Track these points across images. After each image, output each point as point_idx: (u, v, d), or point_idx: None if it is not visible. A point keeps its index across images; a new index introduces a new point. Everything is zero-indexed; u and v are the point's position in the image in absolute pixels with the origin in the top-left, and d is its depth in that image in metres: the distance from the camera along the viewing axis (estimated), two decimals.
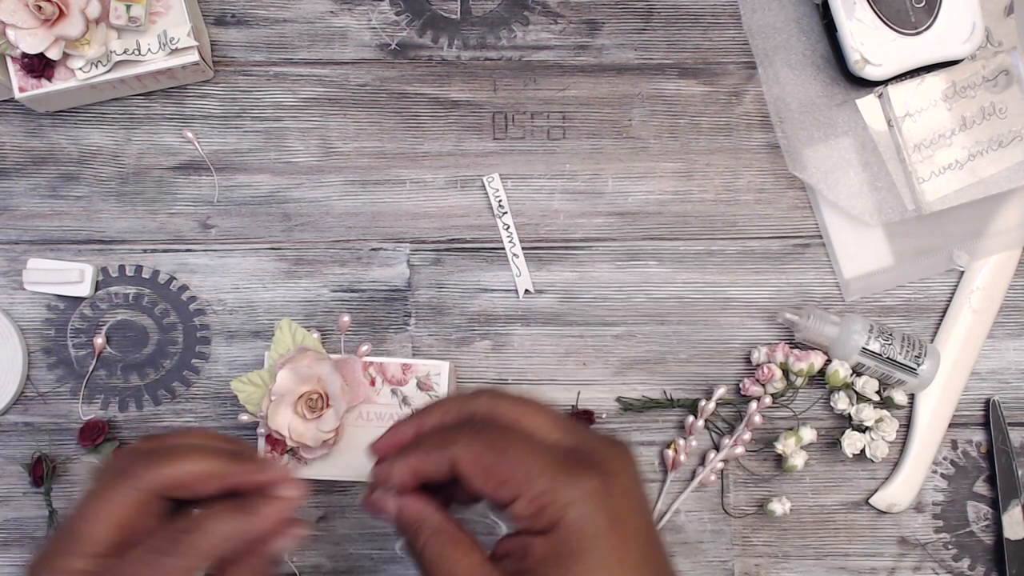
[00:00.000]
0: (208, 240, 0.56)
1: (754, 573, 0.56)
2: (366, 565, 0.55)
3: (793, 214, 0.57)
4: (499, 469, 0.36)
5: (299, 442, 0.50)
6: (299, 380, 0.50)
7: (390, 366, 0.52)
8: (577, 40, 0.57)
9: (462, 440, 0.37)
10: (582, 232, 0.56)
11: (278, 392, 0.50)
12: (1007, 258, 0.57)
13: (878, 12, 0.54)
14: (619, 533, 0.35)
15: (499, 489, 0.36)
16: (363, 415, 0.51)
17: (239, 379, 0.51)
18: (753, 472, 0.56)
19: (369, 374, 0.51)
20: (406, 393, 0.52)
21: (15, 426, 0.55)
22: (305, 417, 0.50)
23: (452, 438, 0.38)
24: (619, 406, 0.56)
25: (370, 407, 0.51)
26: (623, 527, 0.36)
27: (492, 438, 0.37)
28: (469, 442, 0.37)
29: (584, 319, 0.56)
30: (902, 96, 0.55)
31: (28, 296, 0.55)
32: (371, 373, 0.51)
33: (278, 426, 0.50)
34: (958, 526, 0.56)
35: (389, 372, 0.52)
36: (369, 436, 0.48)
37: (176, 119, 0.56)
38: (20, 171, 0.55)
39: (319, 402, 0.50)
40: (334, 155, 0.56)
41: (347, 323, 0.52)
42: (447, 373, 0.52)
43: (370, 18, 0.57)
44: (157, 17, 0.52)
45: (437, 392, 0.51)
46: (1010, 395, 0.57)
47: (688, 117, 0.57)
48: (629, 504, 0.36)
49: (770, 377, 0.54)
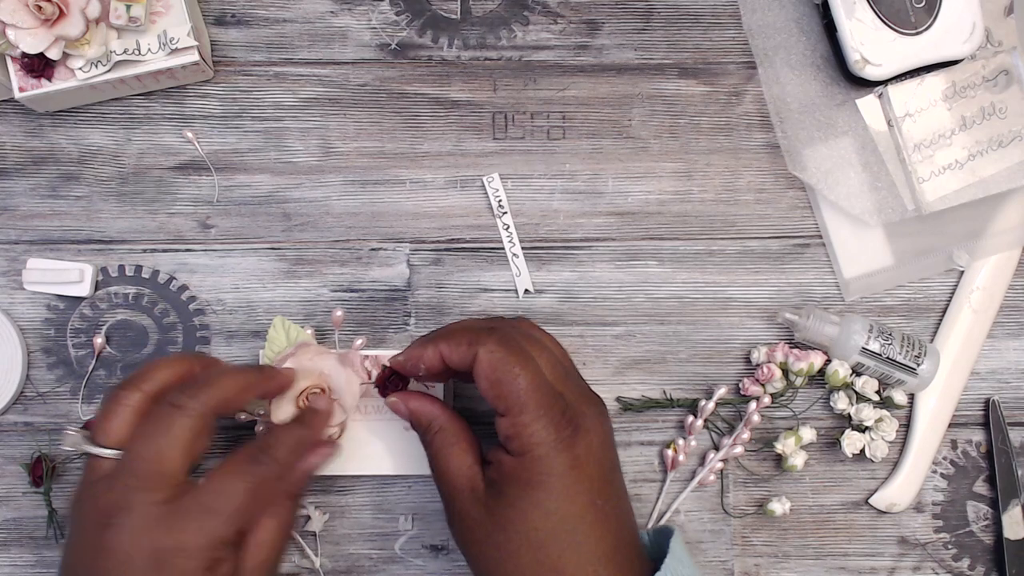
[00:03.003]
0: (208, 240, 0.56)
1: (754, 573, 0.56)
2: (366, 565, 0.55)
3: (793, 214, 0.57)
4: (504, 384, 0.42)
5: None
6: (301, 375, 0.50)
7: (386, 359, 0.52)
8: (577, 40, 0.57)
9: (490, 344, 0.43)
10: (582, 232, 0.56)
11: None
12: (1007, 258, 0.57)
13: (878, 12, 0.54)
14: (574, 476, 0.42)
15: (496, 400, 0.43)
16: (363, 408, 0.52)
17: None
18: (753, 472, 0.56)
19: (366, 367, 0.51)
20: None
21: (15, 426, 0.55)
22: None
23: (482, 339, 0.43)
24: (619, 406, 0.56)
25: (370, 400, 0.52)
26: (578, 472, 0.43)
27: (512, 355, 0.43)
28: (494, 348, 0.43)
29: (584, 319, 0.56)
30: (902, 96, 0.55)
31: (28, 296, 0.55)
32: (368, 366, 0.51)
33: (281, 422, 0.49)
34: (958, 526, 0.56)
35: None
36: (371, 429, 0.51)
37: (176, 119, 0.56)
38: (20, 171, 0.55)
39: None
40: (334, 155, 0.56)
41: (341, 317, 0.52)
42: None
43: (370, 18, 0.57)
44: (157, 17, 0.52)
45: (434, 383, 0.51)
46: (1010, 395, 0.57)
47: (688, 117, 0.57)
48: (590, 456, 0.43)
49: (770, 377, 0.54)
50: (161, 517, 0.41)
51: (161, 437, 0.42)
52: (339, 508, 0.55)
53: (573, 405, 0.44)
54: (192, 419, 0.43)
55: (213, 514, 0.42)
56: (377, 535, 0.55)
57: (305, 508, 0.55)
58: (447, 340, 0.45)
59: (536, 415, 0.42)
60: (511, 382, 0.42)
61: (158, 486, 0.42)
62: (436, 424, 0.46)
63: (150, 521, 0.41)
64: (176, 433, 0.42)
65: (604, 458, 0.44)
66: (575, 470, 0.42)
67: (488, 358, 0.43)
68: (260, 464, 0.44)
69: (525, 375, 0.43)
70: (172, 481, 0.42)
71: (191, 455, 0.43)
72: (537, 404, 0.42)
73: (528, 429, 0.42)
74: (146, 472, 0.42)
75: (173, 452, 0.42)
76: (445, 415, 0.47)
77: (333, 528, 0.55)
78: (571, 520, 0.42)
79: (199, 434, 0.43)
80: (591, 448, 0.43)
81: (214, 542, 0.41)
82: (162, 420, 0.43)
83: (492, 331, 0.44)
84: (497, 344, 0.43)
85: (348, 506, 0.55)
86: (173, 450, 0.42)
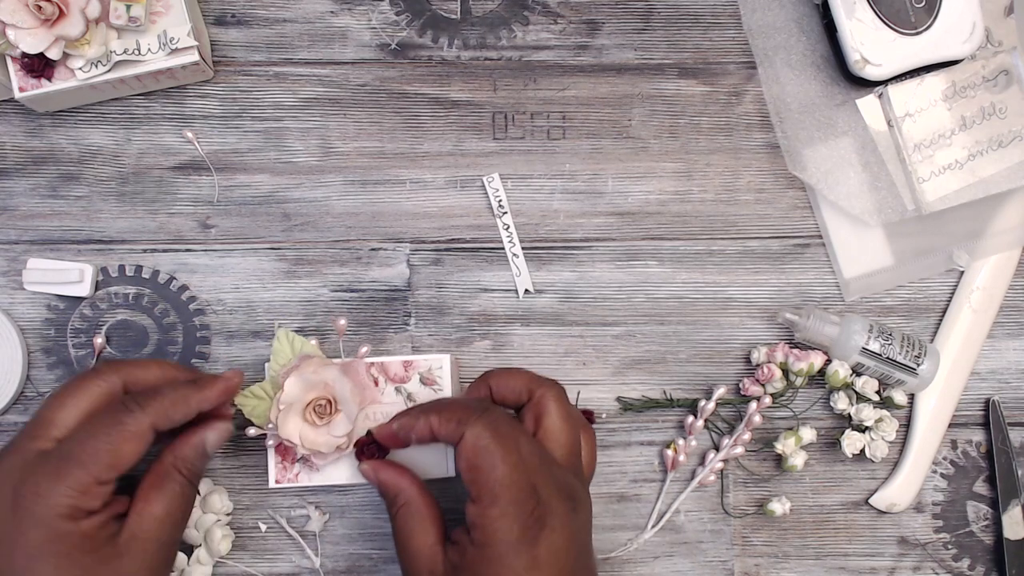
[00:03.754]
0: (208, 240, 0.56)
1: (754, 573, 0.56)
2: (366, 565, 0.55)
3: (793, 214, 0.57)
4: (481, 471, 0.43)
5: (312, 449, 0.49)
6: (306, 387, 0.50)
7: (392, 365, 0.52)
8: (577, 40, 0.57)
9: (478, 427, 0.43)
10: (582, 232, 0.56)
11: (286, 401, 0.49)
12: (1007, 258, 0.57)
13: (878, 12, 0.54)
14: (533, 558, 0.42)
15: (470, 485, 0.43)
16: (370, 416, 0.51)
17: (242, 394, 0.50)
18: (753, 472, 0.56)
19: (372, 374, 0.51)
20: (410, 390, 0.52)
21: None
22: (315, 424, 0.50)
23: (471, 420, 0.44)
24: (619, 406, 0.56)
25: (376, 407, 0.51)
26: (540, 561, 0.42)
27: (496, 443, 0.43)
28: (480, 433, 0.43)
29: (584, 319, 0.56)
30: (902, 96, 0.55)
31: (28, 296, 0.55)
32: (373, 373, 0.51)
33: (288, 435, 0.49)
34: (958, 526, 0.56)
35: (391, 371, 0.52)
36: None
37: (176, 119, 0.56)
38: (20, 171, 0.55)
39: (327, 408, 0.50)
40: (334, 155, 0.56)
41: (344, 326, 0.52)
42: (448, 366, 0.52)
43: (370, 18, 0.57)
44: (157, 17, 0.52)
45: (440, 386, 0.51)
46: (1010, 395, 0.57)
47: (688, 117, 0.57)
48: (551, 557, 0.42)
49: (770, 377, 0.54)
50: (28, 462, 0.42)
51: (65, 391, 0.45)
52: (339, 508, 0.55)
53: (545, 501, 0.43)
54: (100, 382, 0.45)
55: (72, 461, 0.42)
56: (377, 535, 0.55)
57: (304, 508, 0.55)
58: (439, 415, 0.45)
59: (504, 511, 0.42)
60: (488, 471, 0.43)
61: (41, 434, 0.43)
62: (402, 498, 0.47)
63: (17, 463, 0.43)
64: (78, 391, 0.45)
65: (568, 559, 0.43)
66: (533, 571, 0.42)
67: (473, 442, 0.43)
68: (127, 412, 0.44)
69: (504, 467, 0.43)
70: (56, 433, 0.44)
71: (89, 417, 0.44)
72: (508, 500, 0.42)
73: (494, 524, 0.42)
74: (39, 418, 0.44)
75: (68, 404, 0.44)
76: (413, 489, 0.47)
77: (333, 528, 0.55)
78: None
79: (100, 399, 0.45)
80: (553, 548, 0.43)
81: (75, 488, 0.42)
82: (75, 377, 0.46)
83: (484, 413, 0.44)
84: (484, 428, 0.43)
85: (348, 506, 0.55)
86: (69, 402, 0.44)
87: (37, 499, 0.41)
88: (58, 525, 0.41)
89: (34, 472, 0.42)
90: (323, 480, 0.51)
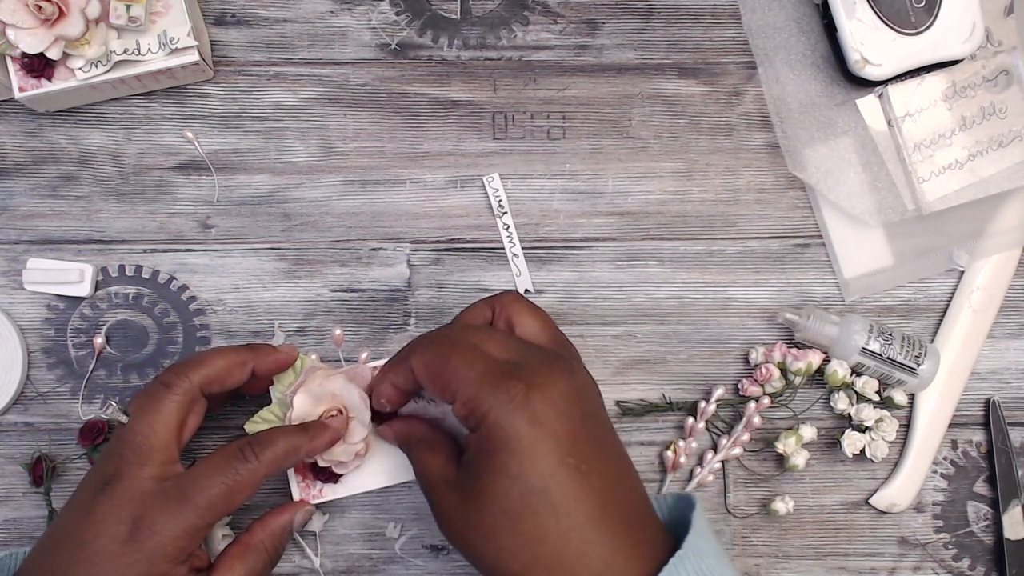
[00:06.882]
0: (208, 240, 0.56)
1: (754, 573, 0.56)
2: (366, 565, 0.55)
3: (793, 214, 0.57)
4: (441, 375, 0.43)
5: (331, 460, 0.49)
6: (315, 401, 0.49)
7: None
8: (577, 40, 0.57)
9: (417, 351, 0.44)
10: (582, 232, 0.56)
11: (298, 418, 0.49)
12: (1007, 258, 0.57)
13: (878, 12, 0.54)
14: (536, 434, 0.40)
15: (443, 392, 0.43)
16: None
17: (252, 420, 0.50)
18: (754, 472, 0.56)
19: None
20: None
21: (15, 426, 0.55)
22: None
23: (408, 350, 0.45)
24: (618, 410, 0.56)
25: None
26: (540, 430, 0.40)
27: (439, 349, 0.43)
28: (422, 352, 0.44)
29: (584, 319, 0.56)
30: (902, 96, 0.55)
31: (28, 296, 0.55)
32: None
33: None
34: (958, 526, 0.56)
35: None
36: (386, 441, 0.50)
37: (176, 119, 0.56)
38: (20, 171, 0.55)
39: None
40: (334, 155, 0.56)
41: (341, 336, 0.52)
42: None
43: (370, 18, 0.57)
44: (157, 17, 0.52)
45: None
46: (1010, 395, 0.57)
47: (688, 117, 0.57)
48: (552, 411, 0.41)
49: (768, 377, 0.54)
50: (146, 493, 0.43)
51: (153, 414, 0.45)
52: (339, 508, 0.55)
53: (526, 366, 0.42)
54: (180, 396, 0.45)
55: (188, 503, 0.43)
56: (377, 535, 0.55)
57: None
58: (392, 369, 0.46)
59: (479, 387, 0.41)
60: (445, 370, 0.42)
61: (149, 460, 0.44)
62: (414, 437, 0.48)
63: (136, 493, 0.43)
64: (165, 410, 0.45)
65: (572, 412, 0.42)
66: (536, 428, 0.40)
67: (420, 363, 0.44)
68: (243, 461, 0.45)
69: (457, 358, 0.42)
70: (161, 457, 0.44)
71: (181, 431, 0.46)
72: (478, 377, 0.41)
73: (475, 401, 0.41)
74: (139, 445, 0.44)
75: (162, 428, 0.45)
76: (422, 428, 0.48)
77: (333, 528, 0.55)
78: (541, 481, 0.40)
79: (187, 411, 0.46)
80: (551, 402, 0.41)
81: (186, 531, 0.43)
82: (153, 397, 0.46)
83: (422, 337, 0.45)
84: (425, 347, 0.44)
85: (348, 506, 0.55)
86: (162, 426, 0.45)
87: (152, 535, 0.42)
88: (160, 566, 0.42)
89: (152, 506, 0.43)
90: (348, 491, 0.51)
